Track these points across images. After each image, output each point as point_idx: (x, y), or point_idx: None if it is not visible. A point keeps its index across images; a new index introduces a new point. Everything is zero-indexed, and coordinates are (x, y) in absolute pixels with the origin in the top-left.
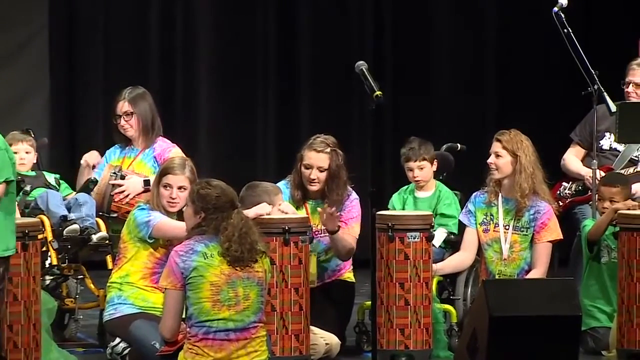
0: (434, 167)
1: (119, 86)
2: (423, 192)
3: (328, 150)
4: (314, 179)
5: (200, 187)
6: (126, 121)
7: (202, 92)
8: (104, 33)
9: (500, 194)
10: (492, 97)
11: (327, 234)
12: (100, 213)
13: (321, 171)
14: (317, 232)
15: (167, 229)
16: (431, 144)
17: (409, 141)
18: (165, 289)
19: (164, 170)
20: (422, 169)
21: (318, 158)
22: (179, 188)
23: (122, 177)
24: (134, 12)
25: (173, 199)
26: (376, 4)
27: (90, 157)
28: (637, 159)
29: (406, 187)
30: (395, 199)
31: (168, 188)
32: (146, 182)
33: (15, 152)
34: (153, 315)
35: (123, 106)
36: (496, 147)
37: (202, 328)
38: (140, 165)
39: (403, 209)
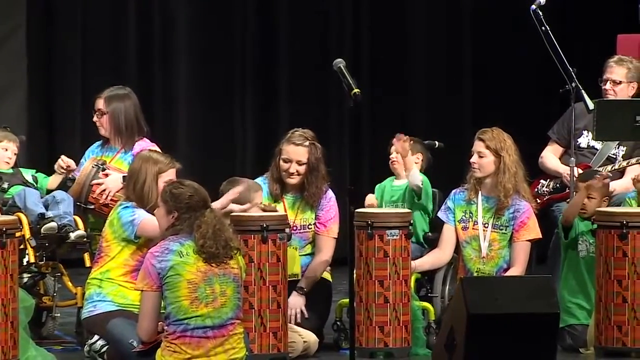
0: (416, 159)
1: (96, 84)
2: (399, 180)
3: (307, 143)
4: (293, 173)
5: (172, 187)
6: (98, 119)
7: (180, 90)
8: (82, 31)
9: (480, 192)
10: (470, 95)
11: (305, 230)
12: (78, 203)
13: (300, 164)
14: (294, 227)
15: (152, 227)
16: (423, 144)
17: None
18: (142, 291)
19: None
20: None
21: (297, 152)
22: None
23: (104, 170)
24: (112, 10)
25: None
26: (354, 2)
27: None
28: (614, 156)
29: (389, 178)
30: (377, 188)
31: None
32: (125, 178)
33: (5, 150)
34: (131, 313)
35: (98, 103)
36: (479, 146)
37: (180, 326)
38: (118, 163)
39: (381, 197)
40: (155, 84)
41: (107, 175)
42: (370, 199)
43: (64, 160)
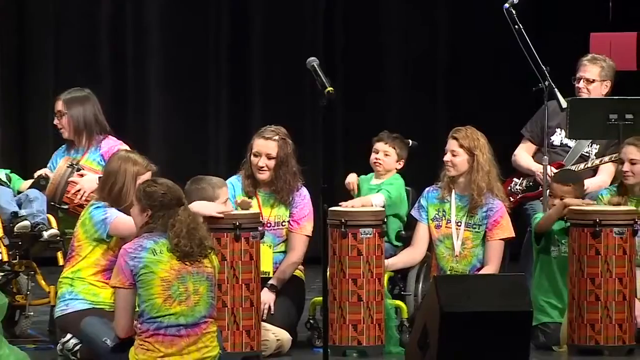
0: (398, 165)
1: (69, 84)
2: (377, 180)
3: (276, 137)
4: (263, 167)
5: (146, 185)
6: (59, 120)
7: (153, 89)
8: (55, 30)
9: (453, 190)
10: (443, 93)
11: (279, 227)
12: (52, 203)
13: (269, 158)
14: (268, 224)
15: (124, 225)
16: (407, 147)
17: (385, 131)
18: (116, 288)
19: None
20: (387, 155)
21: (266, 145)
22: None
23: (78, 170)
24: (85, 9)
25: None
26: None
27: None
28: (587, 154)
29: (370, 174)
30: (360, 177)
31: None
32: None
33: None
34: (104, 311)
35: (57, 105)
36: (452, 145)
37: (153, 324)
38: (88, 163)
39: (358, 190)
40: (128, 83)
41: (82, 175)
42: (351, 176)
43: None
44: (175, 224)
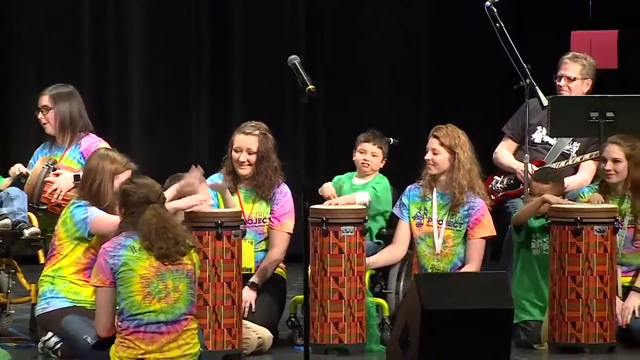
0: (382, 164)
1: (52, 83)
2: (361, 179)
3: (257, 133)
4: (244, 162)
5: (123, 183)
6: (44, 115)
7: (134, 88)
8: (37, 31)
9: (435, 189)
10: (425, 91)
11: (260, 223)
12: (30, 204)
13: (250, 153)
14: (249, 221)
15: (105, 224)
16: (388, 145)
17: (371, 130)
18: (96, 287)
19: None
20: (374, 155)
21: (247, 140)
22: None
23: (54, 170)
24: (67, 10)
25: None
26: None
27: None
28: (568, 152)
29: (348, 174)
30: (334, 180)
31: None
32: (76, 177)
33: None
34: (85, 309)
35: (43, 100)
36: (433, 143)
37: (133, 321)
38: (68, 161)
39: (339, 190)
40: (109, 82)
41: (58, 174)
42: (329, 187)
43: (20, 170)
44: (141, 225)
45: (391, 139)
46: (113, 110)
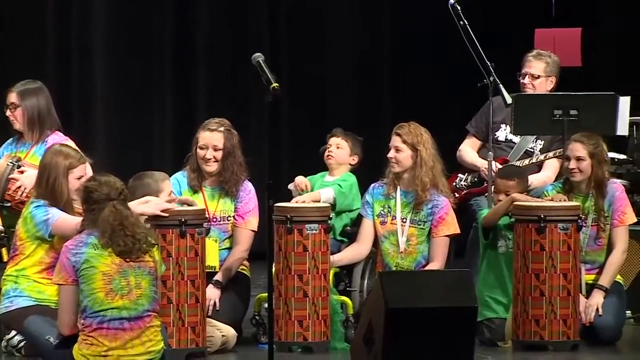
0: (352, 160)
1: (14, 80)
2: (331, 177)
3: (222, 129)
4: (210, 159)
5: (87, 181)
6: (12, 112)
7: (97, 86)
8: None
9: (398, 187)
10: (388, 88)
11: (225, 221)
12: None
13: (216, 150)
14: (214, 219)
15: (66, 225)
16: (360, 145)
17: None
18: (59, 285)
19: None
20: (339, 147)
21: (212, 137)
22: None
23: (19, 167)
24: (30, 7)
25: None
26: None
27: None
28: (532, 150)
29: (321, 173)
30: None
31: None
32: None
33: None
34: (49, 308)
35: (10, 97)
36: (396, 141)
37: (96, 318)
38: (34, 159)
39: (311, 190)
40: (73, 79)
41: (22, 172)
42: (300, 178)
43: None
44: (100, 223)
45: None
46: (76, 107)
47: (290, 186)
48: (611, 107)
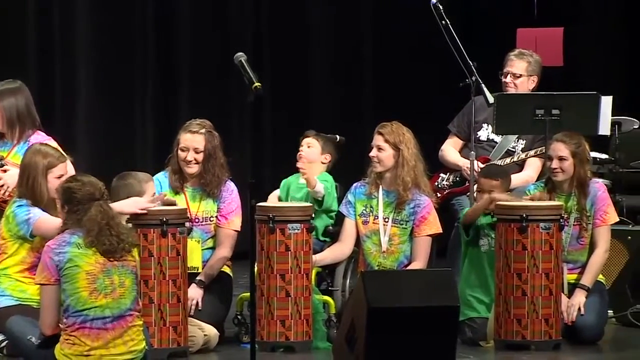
0: (324, 159)
1: None
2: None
3: (203, 131)
4: (191, 161)
5: (65, 181)
6: None
7: (79, 86)
8: None
9: (380, 186)
10: (370, 88)
11: (207, 222)
12: None
13: (197, 152)
14: (196, 220)
15: (47, 226)
16: (333, 143)
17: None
18: (41, 285)
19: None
20: (310, 146)
21: (193, 139)
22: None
23: (2, 166)
24: (11, 5)
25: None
26: None
27: None
28: (513, 150)
29: (296, 174)
30: (283, 183)
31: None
32: None
33: None
34: (31, 308)
35: None
36: (378, 140)
37: (79, 317)
38: (16, 158)
39: (287, 192)
40: (55, 80)
41: (5, 171)
42: (273, 197)
43: None
44: (85, 223)
45: (337, 137)
46: (58, 106)
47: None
48: (593, 106)
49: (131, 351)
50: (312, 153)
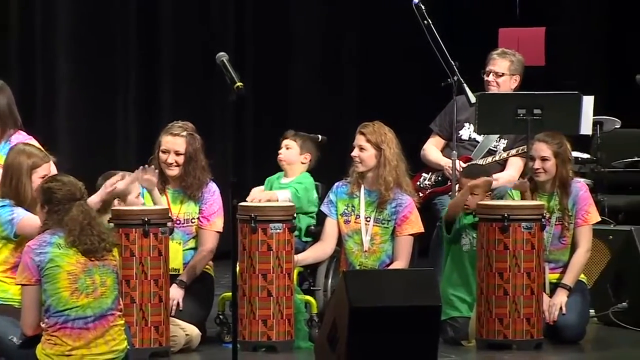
0: (303, 159)
1: None
2: (286, 178)
3: (184, 134)
4: (172, 163)
5: (44, 181)
6: None
7: (61, 85)
8: None
9: (362, 186)
10: (352, 88)
11: (189, 224)
12: None
13: (178, 155)
14: (177, 221)
15: (31, 225)
16: (313, 142)
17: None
18: (22, 285)
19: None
20: (288, 148)
21: (175, 142)
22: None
23: None
24: None
25: None
26: None
27: None
28: (495, 149)
29: (278, 174)
30: (266, 181)
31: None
32: None
33: None
34: (12, 308)
35: None
36: (360, 140)
37: (60, 317)
38: None
39: (270, 190)
40: (36, 79)
41: None
42: (255, 193)
43: None
44: (67, 223)
45: (319, 136)
46: (39, 106)
47: (249, 198)
48: (575, 106)
49: (113, 351)
50: (291, 154)
